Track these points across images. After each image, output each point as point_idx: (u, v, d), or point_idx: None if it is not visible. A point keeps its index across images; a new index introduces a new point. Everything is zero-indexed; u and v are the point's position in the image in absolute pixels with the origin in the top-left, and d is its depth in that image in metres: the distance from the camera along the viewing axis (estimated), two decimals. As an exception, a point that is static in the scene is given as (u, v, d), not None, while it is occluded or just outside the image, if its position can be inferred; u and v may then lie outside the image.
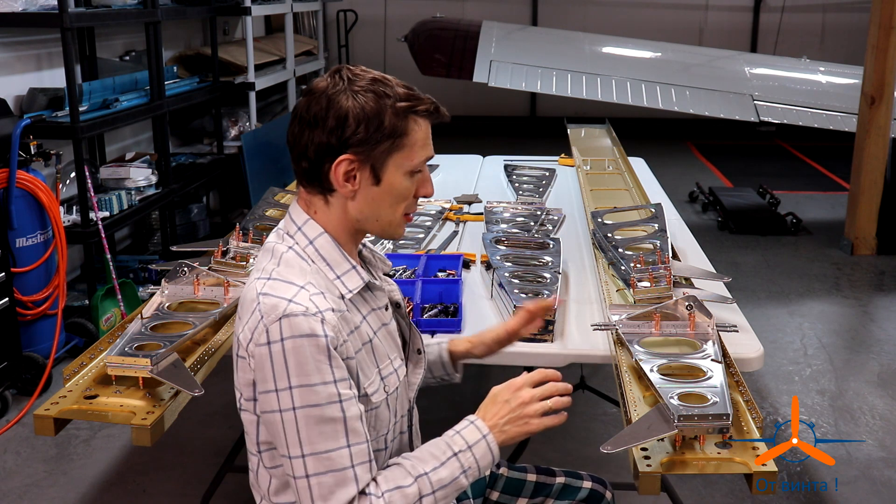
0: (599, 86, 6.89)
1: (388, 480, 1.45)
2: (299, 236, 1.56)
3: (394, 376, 1.59)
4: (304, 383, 1.41)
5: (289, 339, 1.41)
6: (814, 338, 4.56)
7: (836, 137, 7.03)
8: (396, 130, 1.50)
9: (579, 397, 3.63)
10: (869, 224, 5.96)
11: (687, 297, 2.22)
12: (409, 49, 8.12)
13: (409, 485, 1.44)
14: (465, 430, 1.52)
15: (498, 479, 1.95)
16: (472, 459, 1.49)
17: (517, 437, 1.53)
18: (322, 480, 1.41)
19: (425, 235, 3.18)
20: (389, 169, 1.53)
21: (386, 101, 1.50)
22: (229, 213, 6.41)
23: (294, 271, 1.51)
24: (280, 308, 1.43)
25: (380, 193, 1.54)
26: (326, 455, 1.41)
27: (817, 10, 10.75)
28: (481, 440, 1.50)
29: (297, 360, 1.41)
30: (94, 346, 2.16)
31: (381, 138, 1.50)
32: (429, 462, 1.47)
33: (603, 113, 6.66)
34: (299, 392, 1.41)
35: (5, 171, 3.71)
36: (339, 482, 1.41)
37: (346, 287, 1.54)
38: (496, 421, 1.52)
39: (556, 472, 1.95)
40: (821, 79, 7.39)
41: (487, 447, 1.50)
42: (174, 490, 3.14)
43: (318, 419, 1.41)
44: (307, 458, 1.42)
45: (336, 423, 1.42)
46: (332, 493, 1.41)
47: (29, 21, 4.10)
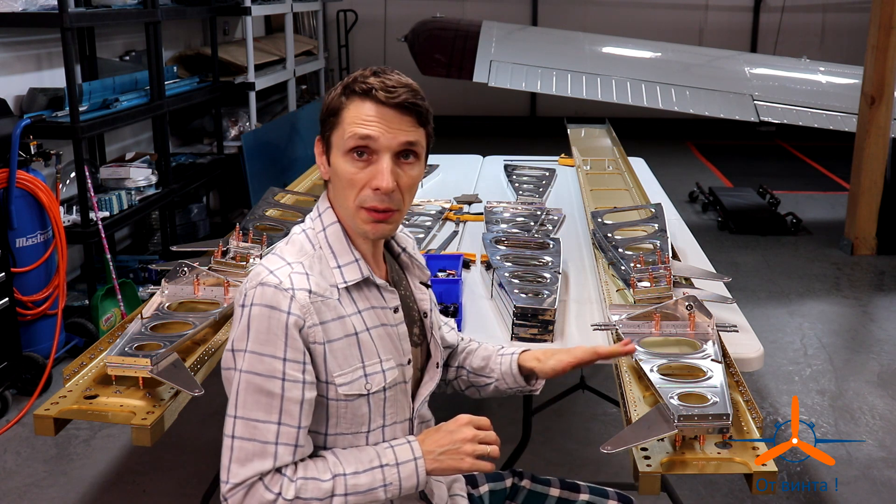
0: (599, 86, 6.89)
1: (307, 469, 1.47)
2: (317, 221, 1.61)
3: (380, 376, 1.56)
4: (256, 350, 1.47)
5: (256, 306, 1.47)
6: (814, 338, 4.56)
7: (836, 137, 7.03)
8: (332, 108, 1.54)
9: (579, 397, 3.63)
10: (869, 224, 5.96)
11: (687, 297, 2.22)
12: (409, 49, 8.12)
13: (326, 480, 1.46)
14: (400, 447, 1.54)
15: (519, 492, 1.91)
16: (396, 476, 1.50)
17: (448, 471, 1.54)
18: (244, 445, 1.45)
19: (425, 235, 3.18)
20: (334, 150, 1.55)
21: (341, 82, 1.57)
22: (229, 213, 6.41)
23: (292, 250, 1.57)
24: (260, 276, 1.50)
25: (334, 178, 1.57)
26: (254, 424, 1.45)
27: (817, 10, 10.75)
28: (411, 461, 1.52)
29: (256, 328, 1.47)
30: (94, 346, 2.16)
31: (326, 117, 1.56)
32: (352, 465, 1.49)
33: (603, 113, 6.66)
34: (249, 357, 1.47)
35: (5, 171, 3.71)
36: (259, 453, 1.45)
37: (343, 277, 1.56)
38: (433, 448, 1.53)
39: (580, 488, 1.90)
40: (821, 79, 7.39)
41: (415, 469, 1.51)
42: (174, 490, 3.14)
43: (256, 388, 1.46)
44: (237, 420, 1.47)
45: (272, 398, 1.46)
46: (248, 461, 1.45)
47: (29, 21, 4.10)
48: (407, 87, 1.52)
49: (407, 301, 1.68)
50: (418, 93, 1.54)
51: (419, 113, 1.53)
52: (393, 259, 1.73)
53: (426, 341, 1.72)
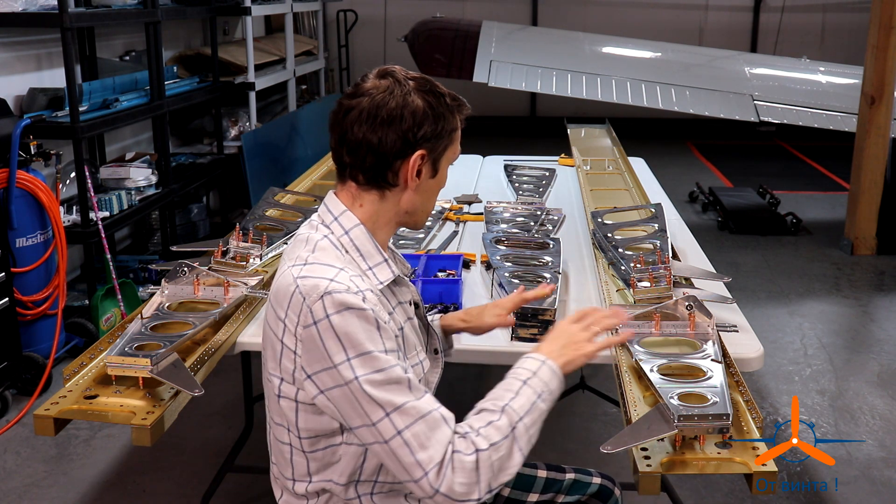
0: (599, 86, 6.89)
1: (477, 419, 1.49)
2: (335, 226, 1.61)
3: (419, 367, 1.67)
4: (361, 352, 1.44)
5: (335, 315, 1.44)
6: (814, 338, 4.56)
7: (836, 137, 7.03)
8: (452, 126, 1.63)
9: (579, 397, 3.64)
10: (869, 224, 5.96)
11: (687, 297, 2.22)
12: (409, 49, 8.12)
13: (498, 418, 1.48)
14: (524, 362, 1.59)
15: None
16: (541, 383, 1.55)
17: (576, 360, 1.62)
18: (415, 430, 1.43)
19: (425, 235, 3.18)
20: (443, 163, 1.65)
21: (443, 99, 1.60)
22: (229, 213, 6.41)
23: (330, 256, 1.56)
24: (321, 287, 1.46)
25: (434, 186, 1.66)
26: (407, 406, 1.44)
27: (817, 10, 10.75)
28: (542, 365, 1.57)
29: (347, 332, 1.44)
30: (94, 346, 2.15)
31: (444, 134, 1.61)
32: (505, 396, 1.52)
33: (603, 113, 6.66)
34: (358, 361, 1.44)
35: (5, 171, 3.71)
36: (432, 426, 1.43)
37: (377, 279, 1.59)
38: (552, 348, 1.62)
39: (565, 469, 1.97)
40: (821, 79, 7.39)
41: (551, 370, 1.57)
42: (174, 490, 3.14)
43: (384, 381, 1.44)
44: (392, 415, 1.43)
45: (402, 382, 1.46)
46: (429, 439, 1.42)
47: (29, 21, 4.10)
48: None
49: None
50: None
51: None
52: None
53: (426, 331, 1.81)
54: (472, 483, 1.42)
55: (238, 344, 2.27)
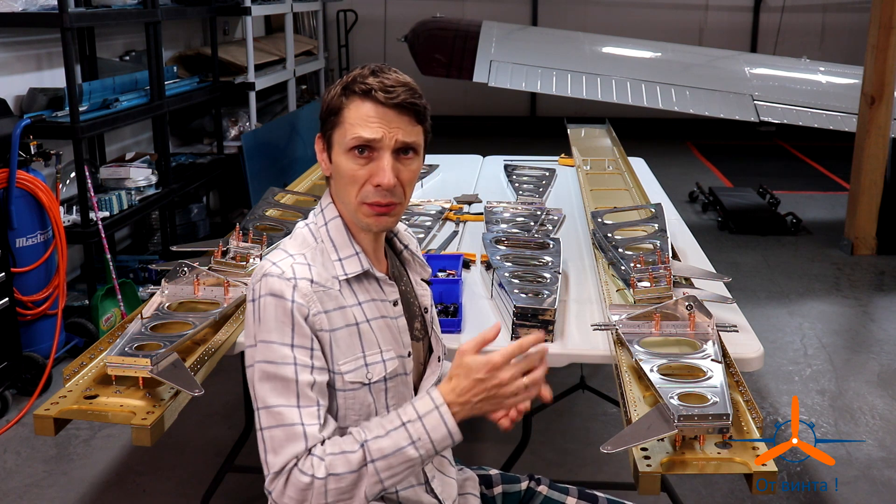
0: (599, 86, 6.89)
1: (335, 444, 1.47)
2: (320, 216, 1.65)
3: (380, 366, 1.58)
4: (265, 339, 1.50)
5: (262, 297, 1.51)
6: (814, 338, 4.56)
7: (836, 137, 7.03)
8: (333, 108, 1.57)
9: (579, 397, 3.63)
10: (869, 224, 5.96)
11: (687, 297, 2.22)
12: (409, 49, 8.12)
13: (354, 451, 1.45)
14: (420, 400, 1.48)
15: (535, 497, 1.89)
16: (423, 430, 1.44)
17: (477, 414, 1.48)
18: (273, 434, 1.47)
19: (425, 235, 3.18)
20: (335, 148, 1.58)
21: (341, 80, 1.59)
22: (229, 213, 6.41)
23: (294, 243, 1.61)
24: (264, 268, 1.54)
25: (336, 174, 1.60)
26: (276, 410, 1.47)
27: (817, 10, 10.75)
28: (433, 411, 1.45)
29: (263, 317, 1.51)
30: (94, 346, 2.15)
31: (327, 116, 1.59)
32: (374, 430, 1.47)
33: (603, 113, 6.66)
34: (261, 347, 1.50)
35: (5, 171, 3.71)
36: (289, 437, 1.46)
37: (344, 270, 1.59)
38: (468, 398, 1.44)
39: (598, 499, 1.87)
40: (821, 79, 7.39)
41: (440, 419, 1.44)
42: (174, 490, 3.14)
43: (271, 375, 1.48)
44: (261, 411, 1.49)
45: (287, 383, 1.48)
46: (281, 447, 1.46)
47: (29, 21, 4.10)
48: (405, 85, 1.55)
49: (407, 296, 1.72)
50: (416, 91, 1.57)
51: (417, 111, 1.56)
52: (395, 255, 1.77)
53: (427, 336, 1.75)
54: (301, 502, 1.43)
55: (238, 344, 2.27)
